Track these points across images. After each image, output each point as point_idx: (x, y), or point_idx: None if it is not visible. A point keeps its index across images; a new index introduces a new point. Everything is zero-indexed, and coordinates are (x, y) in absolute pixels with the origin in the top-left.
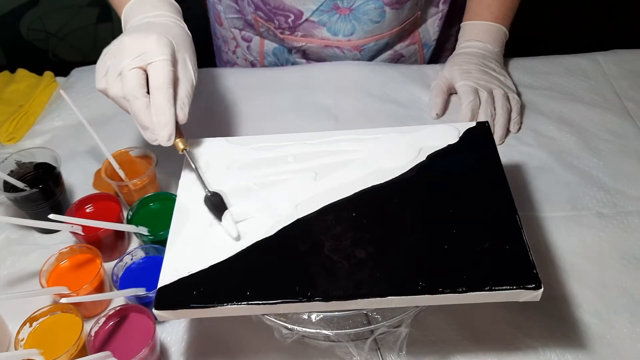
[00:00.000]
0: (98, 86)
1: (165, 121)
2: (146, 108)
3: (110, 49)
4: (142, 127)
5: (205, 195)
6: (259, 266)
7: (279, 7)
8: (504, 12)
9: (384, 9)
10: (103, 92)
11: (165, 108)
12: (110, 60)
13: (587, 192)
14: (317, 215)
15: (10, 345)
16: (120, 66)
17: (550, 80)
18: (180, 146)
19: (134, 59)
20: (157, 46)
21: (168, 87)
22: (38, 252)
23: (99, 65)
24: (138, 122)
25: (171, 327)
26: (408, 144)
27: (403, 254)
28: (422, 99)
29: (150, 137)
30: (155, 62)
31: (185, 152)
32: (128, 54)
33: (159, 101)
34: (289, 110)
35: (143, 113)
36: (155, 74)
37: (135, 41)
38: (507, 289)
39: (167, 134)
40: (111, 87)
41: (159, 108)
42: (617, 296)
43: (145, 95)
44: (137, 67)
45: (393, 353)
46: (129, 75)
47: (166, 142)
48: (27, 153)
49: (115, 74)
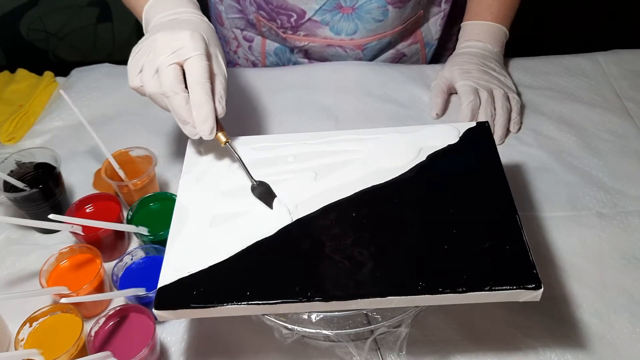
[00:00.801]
0: (132, 84)
1: (205, 115)
2: (186, 103)
3: (142, 47)
4: (182, 122)
5: (251, 185)
6: (259, 266)
7: (281, 6)
8: (504, 12)
9: (386, 8)
10: (137, 90)
11: (204, 102)
12: (144, 58)
13: (587, 192)
14: (317, 215)
15: (10, 345)
16: (157, 63)
17: (550, 80)
18: (222, 139)
19: (169, 55)
20: (192, 42)
21: (206, 82)
22: (38, 252)
23: (131, 63)
24: (178, 118)
25: (171, 327)
26: (408, 144)
27: (403, 254)
28: (422, 99)
29: (191, 132)
30: (192, 57)
31: (228, 144)
32: (163, 50)
33: (199, 96)
34: (289, 110)
35: (183, 108)
36: (193, 69)
37: (169, 38)
38: (507, 289)
39: (208, 128)
40: (148, 84)
41: (198, 103)
42: (617, 296)
43: (184, 91)
44: (174, 63)
45: (393, 353)
46: (167, 72)
47: (208, 135)
48: (27, 153)
49: (152, 72)
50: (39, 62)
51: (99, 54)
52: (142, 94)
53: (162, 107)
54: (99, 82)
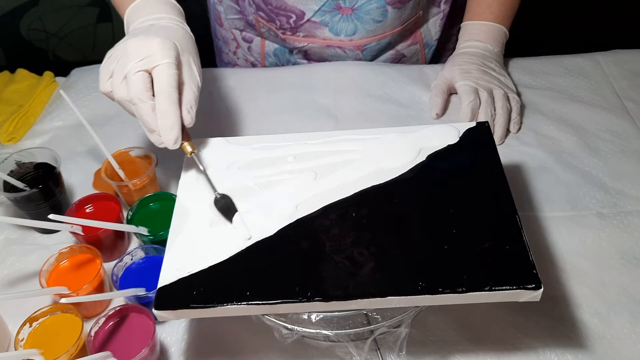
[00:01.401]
0: (102, 89)
1: (170, 124)
2: (152, 111)
3: (114, 52)
4: (148, 130)
5: (214, 197)
6: (259, 266)
7: (280, 7)
8: (504, 12)
9: (386, 9)
10: (107, 95)
11: (170, 111)
12: (115, 64)
13: (587, 192)
14: (317, 215)
15: (10, 346)
16: (126, 69)
17: (550, 80)
18: (188, 149)
19: (138, 62)
20: (161, 49)
21: (173, 91)
22: (38, 252)
23: (103, 68)
24: (144, 126)
25: (171, 327)
26: (408, 144)
27: (403, 254)
28: (422, 99)
29: (156, 140)
30: (160, 65)
31: (193, 155)
32: (132, 57)
33: (164, 105)
34: (289, 110)
35: (149, 116)
36: (160, 77)
37: (139, 44)
38: (507, 289)
39: (173, 137)
40: (117, 90)
41: (164, 112)
42: (617, 296)
43: (150, 99)
44: (142, 70)
45: (393, 353)
46: (134, 79)
47: (172, 145)
48: (27, 153)
49: (121, 77)
50: (39, 62)
51: (99, 54)
52: (112, 99)
53: (130, 113)
54: (98, 82)
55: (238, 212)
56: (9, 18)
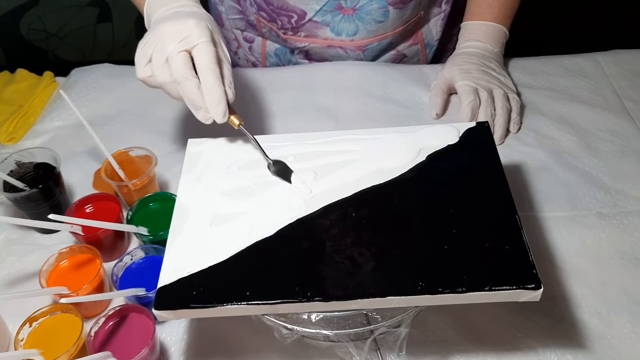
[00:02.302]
0: (141, 75)
1: (217, 99)
2: (198, 89)
3: (149, 38)
4: (195, 107)
5: (267, 164)
6: (258, 266)
7: (282, 7)
8: (504, 12)
9: (387, 9)
10: (145, 81)
11: (216, 86)
12: (152, 48)
13: (587, 192)
14: (317, 215)
15: (10, 345)
16: (166, 52)
17: (550, 80)
18: (236, 122)
19: (178, 43)
20: (198, 29)
21: (215, 66)
22: (38, 252)
23: (139, 54)
24: (191, 104)
25: (171, 327)
26: (408, 144)
27: (403, 254)
28: (422, 99)
29: (204, 117)
30: (200, 43)
31: (241, 127)
32: (171, 39)
33: (210, 80)
34: (289, 110)
35: (195, 94)
36: (202, 55)
37: (175, 27)
38: (507, 289)
39: (222, 111)
40: (159, 73)
41: (210, 87)
42: (617, 296)
43: (194, 76)
44: (183, 51)
45: (393, 353)
46: (177, 59)
47: (222, 118)
48: (27, 153)
49: (162, 60)
50: (39, 62)
51: (98, 54)
52: (150, 84)
53: (174, 95)
54: (99, 82)
55: (294, 173)
56: (9, 18)
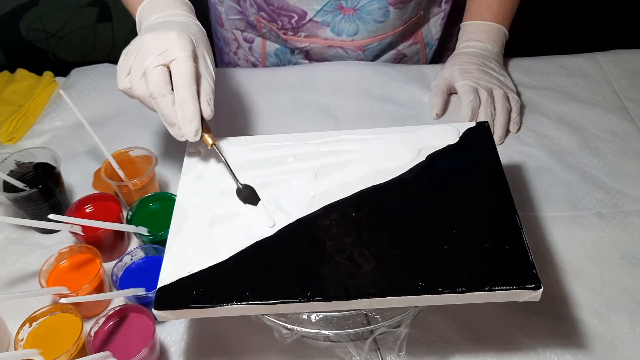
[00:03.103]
0: (121, 86)
1: (190, 117)
2: (172, 105)
3: (131, 49)
4: (169, 124)
5: (237, 188)
6: (258, 266)
7: (282, 7)
8: (504, 12)
9: (388, 9)
10: (126, 92)
11: (190, 104)
12: (132, 60)
13: (587, 192)
14: (317, 215)
15: (10, 345)
16: (144, 65)
17: (550, 80)
18: (209, 141)
19: (156, 56)
20: (179, 43)
21: (192, 83)
22: (38, 252)
23: (120, 65)
24: (165, 119)
25: (171, 327)
26: (408, 144)
27: (403, 254)
28: (422, 99)
29: (177, 134)
30: (178, 58)
31: (214, 147)
32: (150, 52)
33: (184, 97)
34: (289, 110)
35: (169, 110)
36: (179, 71)
37: (157, 39)
38: (507, 289)
39: (193, 129)
40: (136, 86)
41: (184, 104)
42: (617, 296)
43: (170, 92)
44: (160, 65)
45: (393, 353)
46: (154, 73)
47: (193, 137)
48: (27, 153)
49: (140, 73)
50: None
51: (98, 54)
52: (130, 96)
53: (151, 108)
54: (98, 82)
55: (261, 201)
56: (9, 18)
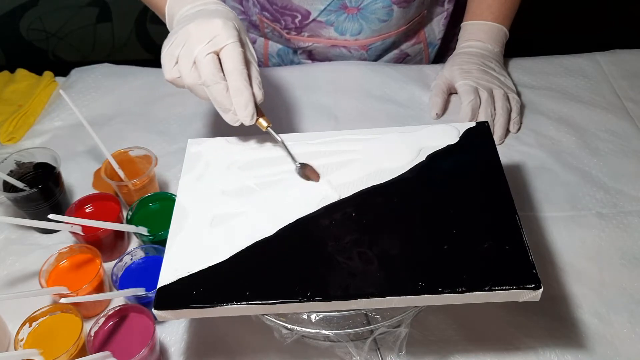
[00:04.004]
0: (169, 76)
1: (245, 102)
2: (226, 91)
3: (176, 38)
4: (223, 110)
5: (295, 167)
6: (258, 266)
7: (286, 7)
8: (504, 12)
9: (391, 8)
10: (173, 82)
11: (244, 88)
12: (179, 49)
13: (587, 192)
14: (317, 215)
15: (10, 345)
16: (194, 54)
17: (550, 80)
18: (264, 124)
19: (205, 44)
20: (225, 30)
21: (243, 69)
22: (38, 252)
23: (165, 55)
24: (219, 106)
25: (171, 327)
26: (408, 144)
27: (403, 254)
28: (422, 99)
29: (232, 119)
30: (228, 45)
31: (269, 129)
32: (198, 40)
33: (237, 83)
34: (289, 110)
35: (223, 96)
36: (229, 57)
37: (202, 27)
38: (507, 289)
39: (249, 114)
40: (186, 75)
41: (238, 89)
42: (617, 296)
43: (223, 79)
44: (211, 53)
45: (393, 353)
46: (205, 62)
47: (249, 121)
48: (27, 153)
49: (189, 62)
50: (38, 62)
51: (98, 54)
52: (178, 85)
53: (201, 97)
54: (98, 82)
55: (323, 178)
56: (9, 18)
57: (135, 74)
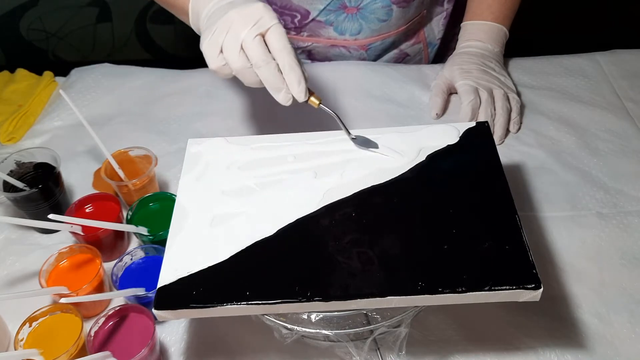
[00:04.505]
0: (213, 65)
1: (298, 79)
2: (278, 70)
3: (217, 28)
4: (276, 89)
5: (351, 138)
6: (258, 266)
7: (285, 6)
8: (504, 12)
9: (391, 8)
10: (218, 71)
11: (295, 66)
12: (223, 36)
13: (587, 192)
14: (317, 215)
15: (10, 345)
16: (240, 38)
17: (550, 80)
18: (316, 101)
19: (251, 28)
20: (267, 12)
21: (291, 47)
22: (38, 252)
23: (209, 45)
24: (272, 86)
25: (171, 327)
26: (408, 144)
27: (403, 254)
28: (422, 99)
29: (284, 98)
30: (273, 26)
31: (322, 106)
32: (243, 25)
33: (289, 61)
34: (289, 110)
35: (275, 76)
36: (277, 37)
37: (245, 12)
38: (507, 289)
39: (303, 90)
40: (234, 60)
41: (289, 67)
42: (617, 296)
43: (273, 59)
44: (258, 35)
45: (393, 353)
46: (254, 44)
47: (303, 97)
48: (27, 153)
49: (237, 47)
50: (38, 62)
51: (98, 54)
52: (223, 73)
53: (250, 81)
54: (98, 82)
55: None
56: (9, 18)
57: (135, 74)
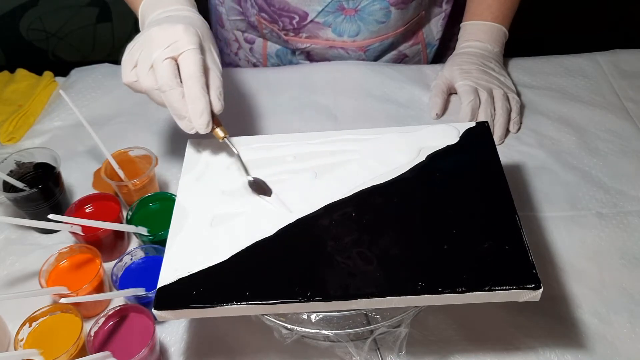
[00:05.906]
0: (126, 80)
1: (201, 110)
2: (182, 97)
3: (137, 42)
4: (178, 117)
5: (248, 180)
6: (258, 266)
7: (283, 8)
8: (504, 12)
9: (389, 9)
10: (131, 86)
11: (200, 96)
12: (139, 53)
13: (587, 192)
14: (317, 215)
15: (10, 345)
16: (152, 58)
17: (550, 80)
18: (221, 134)
19: (164, 49)
20: (186, 35)
21: (200, 76)
22: (38, 252)
23: (126, 58)
24: (174, 113)
25: (171, 327)
26: (408, 144)
27: (403, 254)
28: (422, 99)
29: (187, 126)
30: (186, 51)
31: (226, 140)
32: (158, 45)
33: (194, 90)
34: (289, 110)
35: (179, 102)
36: (187, 63)
37: (164, 32)
38: (507, 289)
39: (204, 122)
40: (143, 79)
41: (194, 96)
42: (617, 296)
43: (179, 85)
44: (169, 57)
45: (393, 353)
46: (162, 66)
47: (204, 129)
48: (27, 153)
49: (147, 66)
50: (38, 62)
51: (98, 54)
52: (135, 89)
53: (158, 102)
54: (98, 82)
55: (274, 193)
56: (9, 18)
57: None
